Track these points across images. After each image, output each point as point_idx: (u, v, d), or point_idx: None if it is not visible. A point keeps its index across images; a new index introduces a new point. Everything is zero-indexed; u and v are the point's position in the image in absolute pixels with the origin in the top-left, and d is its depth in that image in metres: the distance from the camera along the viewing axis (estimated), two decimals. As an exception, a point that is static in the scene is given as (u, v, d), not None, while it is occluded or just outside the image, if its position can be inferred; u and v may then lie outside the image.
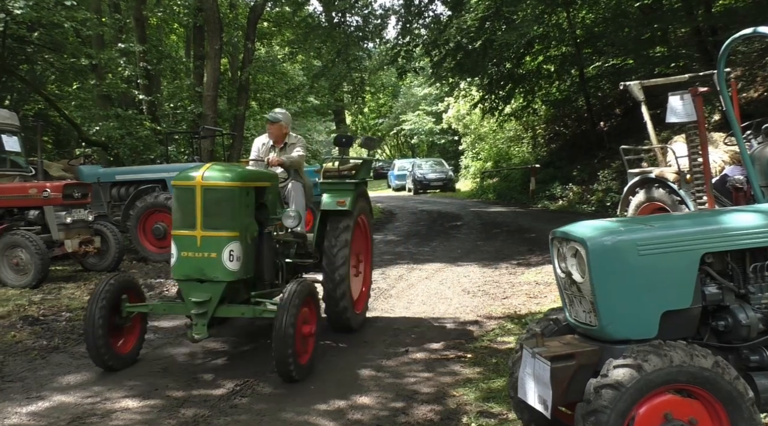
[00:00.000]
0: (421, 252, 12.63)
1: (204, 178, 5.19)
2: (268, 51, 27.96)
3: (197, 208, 5.12)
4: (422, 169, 35.05)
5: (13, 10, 12.21)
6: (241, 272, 5.22)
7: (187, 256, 5.13)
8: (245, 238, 5.27)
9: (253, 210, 5.50)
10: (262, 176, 5.91)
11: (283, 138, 7.08)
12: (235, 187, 5.24)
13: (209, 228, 5.13)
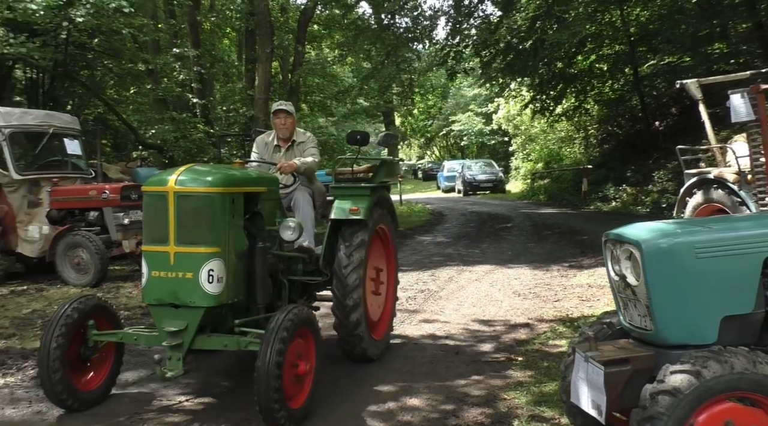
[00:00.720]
0: (470, 254, 12.55)
1: (178, 183, 4.30)
2: (318, 53, 28.25)
3: (170, 219, 4.25)
4: (472, 170, 34.83)
5: (75, 18, 12.64)
6: (224, 295, 4.32)
7: (159, 277, 4.28)
8: (229, 255, 4.36)
9: (241, 220, 4.57)
10: (254, 180, 4.94)
11: (291, 135, 6.15)
12: (215, 194, 4.31)
13: (184, 243, 4.25)
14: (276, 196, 5.23)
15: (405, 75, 22.24)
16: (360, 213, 5.35)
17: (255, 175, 5.15)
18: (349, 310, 5.25)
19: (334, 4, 21.74)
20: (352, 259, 5.27)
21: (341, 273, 5.25)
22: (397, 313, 7.50)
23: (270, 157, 6.06)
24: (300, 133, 6.21)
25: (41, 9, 12.03)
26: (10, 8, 12.35)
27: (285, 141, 6.11)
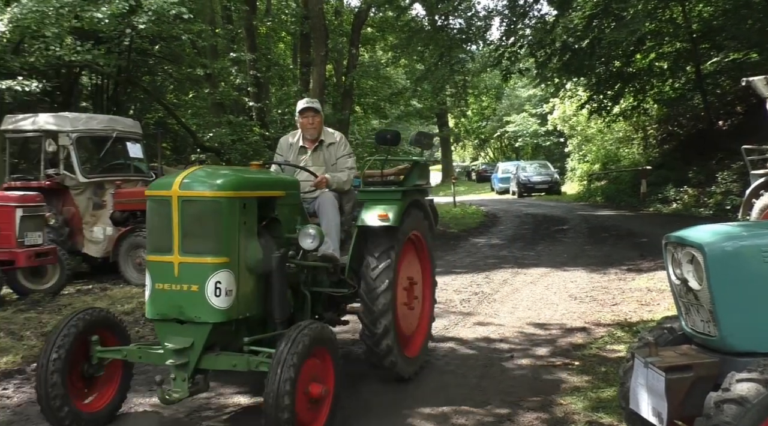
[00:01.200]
0: (525, 256, 12.40)
1: (182, 186, 3.94)
2: (371, 56, 28.38)
3: (174, 226, 3.89)
4: (526, 171, 34.41)
5: (138, 25, 13.05)
6: (234, 310, 3.95)
7: (162, 289, 3.93)
8: (240, 265, 4.00)
9: (254, 227, 4.20)
10: (270, 183, 4.57)
11: (318, 134, 5.64)
12: (223, 198, 3.94)
13: (189, 252, 3.89)
14: (296, 201, 4.78)
15: (458, 76, 22.12)
16: (389, 219, 4.87)
17: (271, 177, 4.79)
18: (376, 316, 4.82)
19: (388, 7, 21.79)
20: (380, 262, 4.89)
21: (369, 275, 4.87)
22: (451, 314, 7.51)
23: (295, 160, 5.56)
24: (328, 132, 5.70)
25: (106, 17, 12.45)
26: (78, 17, 12.83)
27: (311, 141, 5.62)
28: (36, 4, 11.82)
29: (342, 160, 5.59)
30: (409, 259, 5.41)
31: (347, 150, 5.66)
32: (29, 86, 12.91)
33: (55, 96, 19.41)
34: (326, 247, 4.81)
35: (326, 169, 5.48)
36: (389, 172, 5.57)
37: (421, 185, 5.57)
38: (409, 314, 5.35)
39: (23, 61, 14.05)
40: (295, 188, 4.81)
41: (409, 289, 5.34)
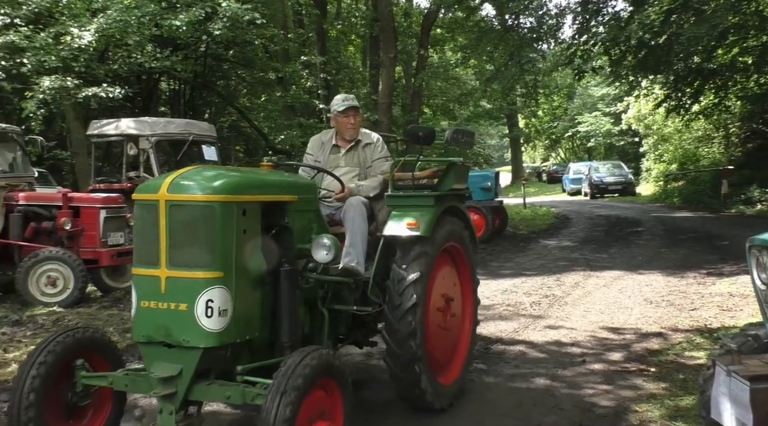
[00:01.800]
0: (598, 259, 12.10)
1: (171, 189, 3.41)
2: (441, 57, 28.32)
3: (161, 235, 3.38)
4: (599, 172, 33.55)
5: (214, 31, 13.46)
6: (229, 333, 3.38)
7: (148, 308, 3.42)
8: (238, 281, 3.43)
9: (256, 237, 3.63)
10: (279, 185, 4.01)
11: (356, 134, 5.09)
12: (217, 203, 3.37)
13: (178, 265, 3.36)
14: (312, 206, 4.22)
15: (529, 76, 21.80)
16: (419, 228, 4.34)
17: (280, 179, 4.17)
18: (402, 337, 4.20)
19: (458, 7, 21.70)
20: (408, 272, 4.29)
21: (394, 290, 4.28)
22: (521, 317, 7.41)
23: (326, 160, 5.05)
24: (365, 132, 5.17)
25: (184, 25, 12.90)
26: (158, 25, 13.36)
27: (346, 141, 5.08)
28: (120, 15, 12.37)
29: (378, 163, 5.03)
30: (444, 274, 4.77)
31: (384, 152, 5.12)
32: (113, 93, 13.55)
33: (136, 101, 20.26)
34: (350, 259, 4.33)
35: (360, 172, 5.02)
36: (422, 174, 5.13)
37: (458, 189, 4.97)
38: (444, 336, 4.70)
39: (107, 69, 14.75)
40: (311, 192, 4.25)
41: (444, 308, 4.71)
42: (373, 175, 5.00)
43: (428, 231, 4.38)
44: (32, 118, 13.56)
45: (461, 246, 4.99)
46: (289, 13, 20.72)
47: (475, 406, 4.68)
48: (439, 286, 4.64)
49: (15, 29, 12.45)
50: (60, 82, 12.68)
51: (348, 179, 4.93)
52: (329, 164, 5.01)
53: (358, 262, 4.39)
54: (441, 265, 4.72)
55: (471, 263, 5.15)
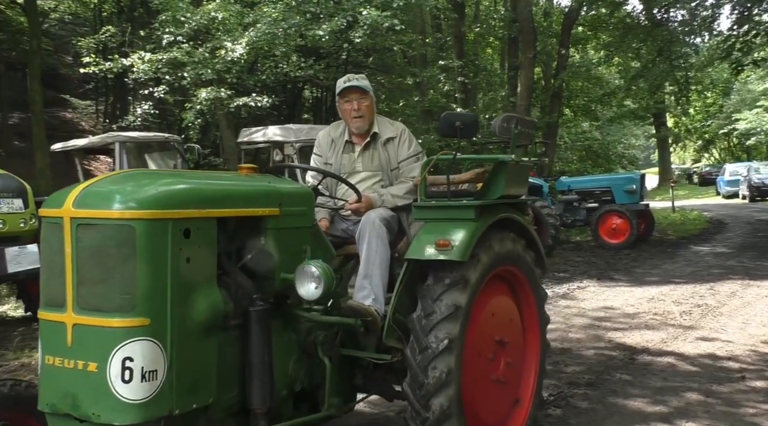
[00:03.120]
0: (759, 267, 11.14)
1: (77, 203, 2.52)
2: (582, 56, 27.39)
3: (66, 266, 2.50)
4: (760, 173, 30.85)
5: (354, 39, 13.89)
6: (160, 403, 2.48)
7: (53, 366, 2.53)
8: (176, 329, 2.53)
9: (207, 265, 2.71)
10: (244, 195, 2.98)
11: (371, 122, 4.02)
12: (139, 221, 2.46)
13: (87, 308, 2.48)
14: (305, 222, 3.22)
15: (680, 72, 20.55)
16: (452, 249, 3.26)
17: (252, 186, 3.08)
18: (428, 393, 3.19)
19: (601, 3, 20.91)
20: (437, 309, 3.24)
21: (417, 328, 3.25)
22: (669, 327, 7.00)
23: (339, 162, 4.03)
24: (385, 122, 4.13)
25: (326, 34, 13.42)
26: (302, 36, 13.99)
27: (361, 136, 4.04)
28: (268, 27, 13.09)
29: (407, 165, 4.00)
30: (495, 309, 3.66)
31: (414, 148, 4.04)
32: (261, 101, 14.35)
33: (281, 109, 21.35)
34: (364, 294, 3.47)
35: (384, 176, 3.99)
36: (461, 177, 3.98)
37: (514, 196, 3.87)
38: (494, 392, 3.64)
39: (256, 79, 15.65)
40: (303, 202, 3.23)
41: (494, 353, 3.62)
42: (402, 180, 3.95)
43: (465, 254, 3.27)
44: (190, 128, 14.71)
45: (521, 270, 3.82)
46: (427, 18, 20.93)
47: (617, 418, 4.48)
48: (486, 325, 3.55)
49: (177, 46, 13.54)
50: (215, 93, 13.61)
51: (368, 187, 3.94)
52: (343, 167, 4.01)
53: (375, 298, 3.47)
54: (490, 296, 3.61)
55: (536, 293, 3.99)
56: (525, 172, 4.08)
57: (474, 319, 3.41)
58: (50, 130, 18.80)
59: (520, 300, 3.94)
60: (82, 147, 11.68)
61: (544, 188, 14.14)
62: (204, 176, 3.20)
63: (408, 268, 3.41)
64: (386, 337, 3.33)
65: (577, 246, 15.10)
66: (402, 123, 4.25)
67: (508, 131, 3.74)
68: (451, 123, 3.49)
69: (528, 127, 4.01)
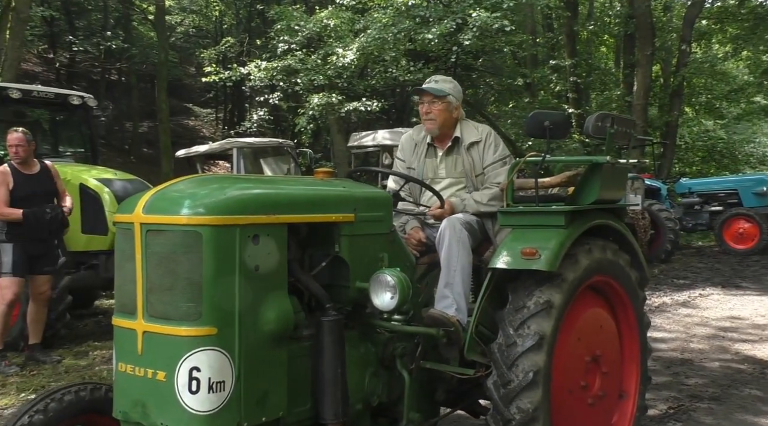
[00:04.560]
0: None
1: (147, 208, 2.52)
2: (705, 51, 25.89)
3: (137, 272, 2.50)
4: None
5: (463, 41, 13.84)
6: (228, 415, 2.43)
7: (125, 373, 2.55)
8: (244, 339, 2.47)
9: (278, 273, 2.62)
10: (313, 199, 2.89)
11: (451, 128, 3.83)
12: (205, 227, 2.43)
13: (156, 316, 2.47)
14: (382, 229, 3.11)
15: (817, 65, 18.98)
16: (540, 258, 3.06)
17: (328, 191, 3.00)
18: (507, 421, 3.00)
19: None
20: (522, 333, 3.03)
21: (500, 358, 3.05)
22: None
23: (422, 166, 3.86)
24: (469, 126, 3.87)
25: (436, 38, 13.45)
26: (411, 40, 14.11)
27: (442, 140, 3.85)
28: (378, 33, 13.31)
29: (492, 170, 3.74)
30: (588, 322, 3.42)
31: (500, 153, 3.79)
32: (370, 106, 14.61)
33: (390, 113, 21.61)
34: (446, 304, 3.27)
35: (468, 183, 3.77)
36: (551, 181, 3.67)
37: (611, 201, 3.59)
38: (588, 416, 3.38)
39: (366, 84, 15.94)
40: (380, 207, 3.12)
41: (591, 373, 3.37)
42: (487, 186, 3.73)
43: (554, 263, 3.04)
44: (303, 133, 15.18)
45: (618, 281, 3.54)
46: (538, 17, 20.52)
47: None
48: (582, 339, 3.32)
49: (291, 54, 14.04)
50: (326, 98, 13.99)
51: (451, 194, 3.76)
52: (426, 173, 3.85)
53: (458, 308, 3.27)
54: (583, 309, 3.36)
55: (635, 305, 3.68)
56: (623, 174, 3.79)
57: (563, 335, 3.16)
58: (175, 138, 20.05)
59: (617, 311, 3.66)
60: (203, 153, 12.35)
61: (663, 191, 13.50)
62: (275, 181, 3.15)
63: (492, 278, 3.23)
64: (468, 352, 3.16)
65: (699, 251, 14.27)
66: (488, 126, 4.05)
67: (602, 131, 3.46)
68: (539, 122, 3.29)
69: (626, 126, 3.69)
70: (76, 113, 8.53)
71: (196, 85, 24.42)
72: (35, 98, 7.98)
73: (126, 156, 20.43)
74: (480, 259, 3.53)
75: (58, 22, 21.03)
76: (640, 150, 16.49)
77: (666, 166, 18.76)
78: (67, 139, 9.48)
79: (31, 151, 6.00)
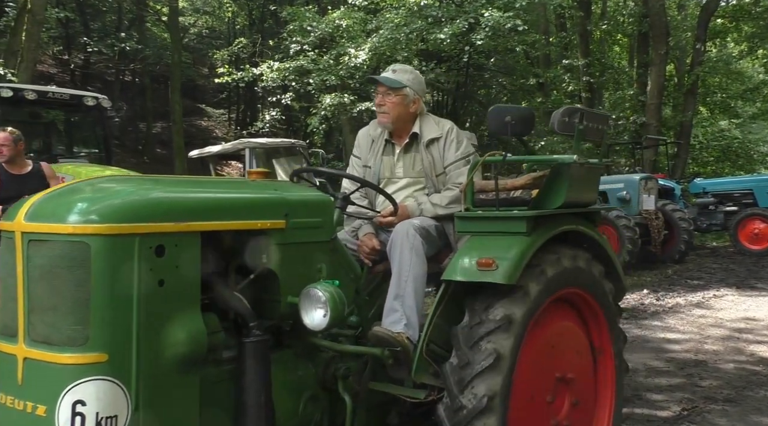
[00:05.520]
0: None
1: (30, 215, 2.19)
2: (720, 50, 25.69)
3: (18, 289, 2.17)
4: None
5: (476, 41, 13.82)
6: None
7: (4, 406, 2.18)
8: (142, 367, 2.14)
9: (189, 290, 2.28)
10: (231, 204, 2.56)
11: (409, 123, 3.45)
12: (93, 236, 2.10)
13: (38, 340, 2.13)
14: (321, 236, 2.80)
15: (834, 63, 18.79)
16: (498, 270, 2.71)
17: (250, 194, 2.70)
18: None
19: (743, -8, 19.58)
20: (477, 353, 2.67)
21: (452, 380, 2.68)
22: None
23: (379, 165, 3.48)
24: (429, 121, 3.48)
25: (448, 37, 13.44)
26: (424, 40, 14.11)
27: (399, 136, 3.48)
28: (390, 33, 13.32)
29: (454, 169, 3.38)
30: (557, 338, 3.06)
31: (463, 150, 3.43)
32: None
33: (402, 113, 21.59)
34: (394, 319, 2.91)
35: (428, 183, 3.41)
36: (513, 183, 3.36)
37: (582, 204, 3.25)
38: None
39: (378, 84, 15.93)
40: (316, 213, 2.79)
41: (558, 394, 3.03)
42: (448, 187, 3.36)
43: (513, 275, 2.70)
44: (315, 133, 15.22)
45: (590, 293, 3.19)
46: (551, 17, 20.45)
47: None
48: (545, 361, 2.96)
49: (304, 54, 14.08)
50: (338, 98, 14.02)
51: (408, 196, 3.41)
52: (383, 172, 3.47)
53: (408, 324, 2.90)
54: (550, 324, 3.00)
55: (609, 319, 3.33)
56: (594, 175, 3.39)
57: (524, 356, 2.79)
58: (187, 138, 20.17)
59: (590, 325, 3.30)
60: (216, 153, 12.41)
61: (677, 191, 13.41)
62: (190, 183, 2.70)
63: (445, 291, 2.88)
64: (416, 374, 2.79)
65: (713, 252, 14.16)
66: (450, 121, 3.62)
67: (570, 127, 3.10)
68: (500, 118, 2.96)
69: (597, 122, 3.32)
70: (90, 114, 8.61)
71: (209, 86, 24.55)
72: (50, 99, 8.07)
73: (140, 156, 20.57)
74: (440, 266, 3.11)
75: (73, 24, 21.21)
76: (653, 150, 16.40)
77: (680, 166, 18.65)
78: (81, 139, 9.58)
79: (19, 150, 5.99)
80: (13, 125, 6.29)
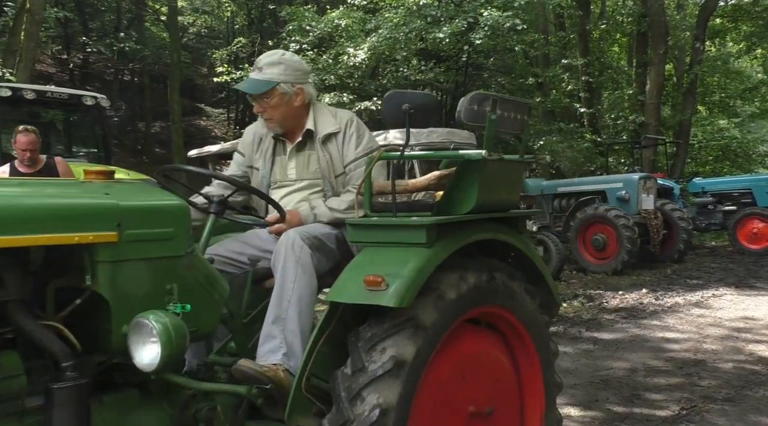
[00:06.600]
0: None
1: None
2: (719, 49, 25.71)
3: None
4: None
5: (475, 41, 13.82)
6: None
7: None
8: None
9: None
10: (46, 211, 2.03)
11: (301, 118, 2.96)
12: None
13: None
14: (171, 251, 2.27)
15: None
16: (387, 291, 2.20)
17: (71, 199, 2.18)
18: None
19: (743, -8, 19.59)
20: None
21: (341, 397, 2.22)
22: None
23: (268, 166, 3.01)
24: (324, 114, 3.00)
25: (447, 37, 13.44)
26: (423, 39, 14.11)
27: (293, 133, 3.00)
28: (389, 32, 13.32)
29: (356, 168, 2.93)
30: (467, 368, 2.54)
31: (365, 146, 2.96)
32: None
33: (402, 113, 21.58)
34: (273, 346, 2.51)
35: (325, 186, 2.96)
36: (415, 184, 2.91)
37: (500, 208, 2.70)
38: None
39: (377, 84, 15.93)
40: (164, 222, 2.26)
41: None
42: (348, 189, 2.93)
43: (405, 297, 2.19)
44: (315, 132, 15.18)
45: (511, 311, 2.68)
46: (550, 16, 20.45)
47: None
48: (454, 397, 2.47)
49: (303, 53, 14.07)
50: (337, 98, 14.02)
51: (302, 200, 2.95)
52: (273, 174, 3.01)
53: (288, 353, 2.47)
54: (458, 351, 2.50)
55: (536, 337, 2.80)
56: (514, 173, 2.83)
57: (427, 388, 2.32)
58: (187, 138, 20.16)
59: (513, 345, 2.81)
60: (215, 153, 12.38)
61: (676, 190, 13.42)
62: None
63: (331, 314, 2.35)
64: (290, 416, 2.27)
65: (712, 251, 14.17)
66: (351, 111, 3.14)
67: (481, 117, 2.58)
68: (396, 106, 2.52)
69: (515, 110, 2.75)
70: (89, 114, 8.62)
71: (208, 86, 24.52)
72: (49, 99, 8.06)
73: (139, 156, 20.56)
74: None
75: (72, 23, 21.18)
76: (653, 149, 16.41)
77: (679, 165, 18.66)
78: (80, 139, 9.57)
79: (38, 150, 5.97)
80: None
